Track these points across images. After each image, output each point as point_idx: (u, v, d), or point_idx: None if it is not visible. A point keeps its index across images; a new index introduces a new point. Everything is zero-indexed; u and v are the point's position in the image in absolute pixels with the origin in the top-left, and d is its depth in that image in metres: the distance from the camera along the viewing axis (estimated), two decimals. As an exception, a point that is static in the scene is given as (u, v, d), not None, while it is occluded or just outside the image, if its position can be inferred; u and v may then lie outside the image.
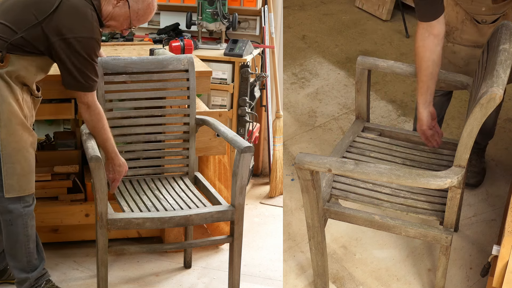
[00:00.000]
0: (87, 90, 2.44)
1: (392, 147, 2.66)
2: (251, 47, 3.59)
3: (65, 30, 2.33)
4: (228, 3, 3.60)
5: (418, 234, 2.31)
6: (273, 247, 3.21)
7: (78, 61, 2.37)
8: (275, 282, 2.93)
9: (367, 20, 4.97)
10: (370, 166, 2.14)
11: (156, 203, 2.63)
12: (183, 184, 2.83)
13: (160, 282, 2.91)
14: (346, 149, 2.62)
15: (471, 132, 2.07)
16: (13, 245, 2.53)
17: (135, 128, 2.80)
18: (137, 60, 2.77)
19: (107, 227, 2.44)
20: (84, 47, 2.36)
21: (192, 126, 2.85)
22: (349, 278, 2.74)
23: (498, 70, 2.06)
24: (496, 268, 2.19)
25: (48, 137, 3.35)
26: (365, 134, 2.74)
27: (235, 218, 2.54)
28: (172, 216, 2.46)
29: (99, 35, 2.41)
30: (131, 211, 2.56)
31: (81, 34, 2.34)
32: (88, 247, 3.09)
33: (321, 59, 4.43)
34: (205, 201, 2.67)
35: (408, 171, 2.11)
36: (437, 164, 2.56)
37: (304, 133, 3.70)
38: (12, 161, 2.41)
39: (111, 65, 2.72)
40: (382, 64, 2.68)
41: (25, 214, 2.49)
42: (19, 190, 2.45)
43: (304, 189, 2.27)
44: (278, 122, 3.79)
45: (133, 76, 2.76)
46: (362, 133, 2.75)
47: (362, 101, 2.75)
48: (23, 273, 2.57)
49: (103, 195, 2.41)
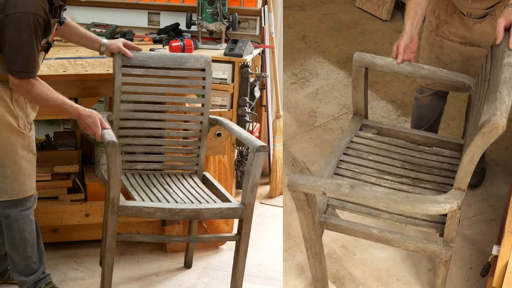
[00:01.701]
0: (25, 76, 2.30)
1: (391, 148, 2.61)
2: (251, 47, 3.59)
3: (8, 5, 2.23)
4: (228, 3, 3.60)
5: (417, 248, 2.26)
6: (273, 247, 3.21)
7: (15, 38, 2.24)
8: (275, 282, 2.93)
9: (367, 20, 4.96)
10: (366, 190, 2.03)
11: (167, 196, 2.64)
12: (192, 181, 2.84)
13: (160, 282, 2.91)
14: (343, 150, 2.56)
15: (472, 159, 1.98)
16: (11, 248, 2.53)
17: (148, 123, 2.81)
18: (155, 56, 2.81)
19: (118, 213, 2.43)
20: (24, 22, 2.23)
21: (205, 125, 2.86)
22: (349, 278, 2.73)
23: (501, 92, 1.95)
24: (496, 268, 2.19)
25: (48, 137, 3.35)
26: (363, 134, 2.68)
27: (244, 216, 2.54)
28: (183, 208, 2.46)
29: (42, 12, 2.27)
30: (142, 200, 2.56)
31: (21, 9, 2.22)
32: (88, 247, 3.10)
33: (321, 59, 4.43)
34: (215, 198, 2.68)
35: (405, 196, 2.01)
36: (437, 167, 2.51)
37: (304, 133, 3.70)
38: (1, 164, 2.40)
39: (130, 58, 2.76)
40: (380, 62, 2.56)
41: (21, 218, 2.48)
42: (12, 193, 2.44)
43: (299, 207, 2.21)
44: (278, 122, 3.79)
45: (150, 70, 2.79)
46: (360, 132, 2.69)
47: (360, 98, 2.69)
48: (22, 276, 2.56)
49: (116, 180, 2.40)
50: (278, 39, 3.91)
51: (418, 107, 3.03)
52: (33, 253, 2.55)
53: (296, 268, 2.80)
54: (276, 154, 3.73)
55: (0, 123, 2.36)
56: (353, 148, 2.59)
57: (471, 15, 2.63)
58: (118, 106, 2.76)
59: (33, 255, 2.55)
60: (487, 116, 1.88)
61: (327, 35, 4.75)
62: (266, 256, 3.14)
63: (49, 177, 2.98)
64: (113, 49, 2.73)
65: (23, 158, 2.44)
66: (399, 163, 2.52)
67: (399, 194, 2.01)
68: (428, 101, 2.96)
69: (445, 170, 2.48)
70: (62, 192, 3.01)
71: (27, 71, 2.29)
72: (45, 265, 2.63)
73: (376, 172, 2.46)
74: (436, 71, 2.54)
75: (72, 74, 2.83)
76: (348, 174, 2.44)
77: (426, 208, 1.98)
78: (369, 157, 2.54)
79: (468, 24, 2.66)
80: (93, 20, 3.72)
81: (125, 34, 3.49)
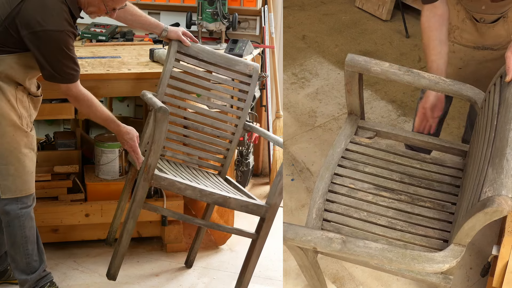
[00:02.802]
0: (65, 81, 2.43)
1: (389, 157, 2.44)
2: (251, 47, 3.59)
3: (33, 23, 2.32)
4: (228, 3, 3.60)
5: (415, 279, 2.19)
6: (273, 247, 3.21)
7: (48, 53, 2.35)
8: (275, 282, 2.93)
9: (367, 20, 4.96)
10: (359, 246, 1.88)
11: (197, 181, 2.67)
12: (217, 179, 2.87)
13: (160, 282, 2.91)
14: (338, 161, 2.39)
15: (472, 227, 1.81)
16: (12, 246, 2.53)
17: (186, 113, 2.87)
18: (209, 50, 2.88)
19: (151, 181, 2.45)
20: (54, 40, 2.34)
21: (239, 129, 2.90)
22: (349, 278, 2.73)
23: (508, 160, 1.77)
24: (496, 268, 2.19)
25: (48, 137, 3.35)
26: (359, 139, 2.51)
27: (267, 216, 2.56)
28: (213, 192, 2.50)
29: (69, 27, 2.38)
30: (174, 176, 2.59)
31: (49, 27, 2.32)
32: (88, 247, 3.10)
33: (321, 59, 4.43)
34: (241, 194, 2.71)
35: (401, 253, 1.86)
36: (438, 181, 2.37)
37: (304, 133, 3.70)
38: (5, 162, 2.42)
39: (185, 47, 2.84)
40: (375, 69, 2.33)
41: (22, 215, 2.49)
42: (15, 191, 2.45)
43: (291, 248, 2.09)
44: (278, 122, 3.79)
45: (201, 63, 2.85)
46: (356, 137, 2.52)
47: (354, 101, 2.52)
48: (23, 275, 2.57)
49: (158, 147, 2.42)
50: (278, 39, 3.91)
51: None
52: (34, 250, 2.56)
53: (296, 268, 2.80)
54: (276, 154, 3.73)
55: (5, 122, 2.39)
56: (349, 158, 2.43)
57: (484, 20, 2.60)
58: (163, 89, 2.80)
59: (33, 253, 2.56)
60: (491, 191, 1.71)
61: (327, 35, 4.75)
62: (266, 256, 3.14)
63: (49, 177, 2.98)
64: (172, 36, 2.83)
65: (26, 157, 2.46)
66: (397, 176, 2.37)
67: (394, 251, 1.87)
68: None
69: (447, 184, 2.36)
70: (62, 192, 3.01)
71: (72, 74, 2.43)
72: (45, 263, 2.63)
73: (373, 187, 2.33)
74: (438, 82, 2.34)
75: None
76: (343, 191, 2.31)
77: (424, 268, 1.85)
78: (366, 169, 2.39)
79: (481, 30, 2.63)
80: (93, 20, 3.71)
81: (125, 34, 3.49)
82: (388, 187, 2.34)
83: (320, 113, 3.87)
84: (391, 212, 2.24)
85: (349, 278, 2.73)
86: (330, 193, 2.30)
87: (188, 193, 2.47)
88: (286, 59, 4.37)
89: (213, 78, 2.90)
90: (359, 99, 2.51)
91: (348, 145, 2.48)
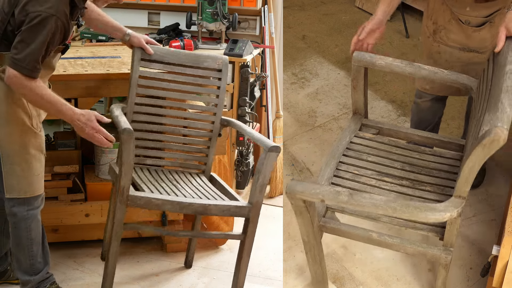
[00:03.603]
0: (28, 73, 2.26)
1: (391, 149, 2.57)
2: (251, 47, 3.59)
3: (29, 6, 2.24)
4: (228, 3, 3.60)
5: (416, 253, 2.25)
6: (273, 247, 3.21)
7: (28, 34, 2.24)
8: (275, 282, 2.93)
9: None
10: (365, 197, 2.02)
11: (176, 191, 2.65)
12: (200, 180, 2.85)
13: (160, 282, 2.91)
14: (343, 151, 2.53)
15: (472, 168, 1.96)
16: (17, 247, 2.52)
17: (161, 118, 2.83)
18: (174, 52, 2.84)
19: (127, 203, 2.43)
20: (42, 23, 2.23)
21: (216, 125, 2.87)
22: (349, 278, 2.73)
23: (503, 102, 1.91)
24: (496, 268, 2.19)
25: (48, 137, 3.35)
26: (363, 134, 2.66)
27: (251, 215, 2.55)
28: (192, 202, 2.48)
29: (63, 16, 2.28)
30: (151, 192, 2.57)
31: (42, 10, 2.23)
32: (88, 247, 3.10)
33: (321, 59, 4.43)
34: (223, 196, 2.69)
35: (405, 204, 1.99)
36: (437, 169, 2.48)
37: (304, 133, 3.70)
38: (11, 162, 2.40)
39: None
40: (380, 62, 2.54)
41: (28, 217, 2.48)
42: (20, 192, 2.43)
43: (298, 213, 2.20)
44: (278, 122, 3.79)
45: (167, 66, 2.80)
46: (360, 132, 2.67)
47: (359, 98, 2.66)
48: (26, 276, 2.56)
49: (128, 168, 2.40)
50: (278, 39, 3.91)
51: (417, 111, 3.01)
52: (38, 252, 2.55)
53: (296, 268, 2.80)
54: (276, 154, 3.73)
55: (13, 122, 2.37)
56: (353, 149, 2.56)
57: (469, 23, 2.60)
58: (133, 99, 2.76)
59: (38, 254, 2.55)
60: (488, 126, 1.86)
61: (327, 35, 4.75)
62: (266, 256, 3.14)
63: (49, 177, 2.98)
64: (134, 42, 2.74)
65: (34, 158, 2.43)
66: (399, 164, 2.50)
67: (398, 201, 2.00)
68: (427, 105, 2.94)
69: (445, 172, 2.47)
70: (62, 192, 3.01)
71: (28, 67, 2.26)
72: (49, 265, 2.62)
73: (376, 174, 2.44)
74: (437, 72, 2.53)
75: (72, 74, 2.83)
76: (347, 176, 2.42)
77: (426, 217, 1.97)
78: (369, 158, 2.52)
79: (467, 32, 2.63)
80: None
81: (125, 34, 3.49)
82: (390, 173, 2.44)
83: (320, 113, 3.87)
84: (393, 195, 2.34)
85: (349, 278, 2.73)
86: (335, 178, 2.41)
87: (167, 207, 2.46)
88: (286, 59, 4.36)
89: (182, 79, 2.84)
90: (363, 96, 2.64)
91: (352, 139, 2.61)
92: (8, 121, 2.36)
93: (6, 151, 2.39)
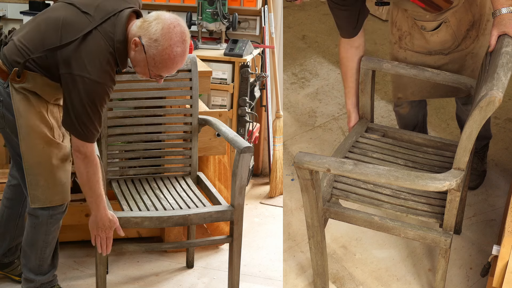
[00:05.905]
0: (82, 138, 2.24)
1: (395, 148, 2.65)
2: (251, 47, 3.59)
3: (74, 64, 2.18)
4: (228, 3, 3.61)
5: (417, 236, 2.31)
6: (273, 247, 3.21)
7: (78, 102, 2.19)
8: (275, 282, 2.93)
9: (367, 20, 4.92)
10: (368, 167, 2.14)
11: (156, 202, 2.63)
12: (184, 184, 2.83)
13: (160, 282, 2.91)
14: (348, 149, 2.61)
15: (470, 135, 2.06)
16: (30, 246, 2.49)
17: (137, 128, 2.80)
18: None
19: None
20: (88, 89, 2.18)
21: (194, 126, 2.85)
22: (349, 278, 2.74)
23: (499, 73, 2.05)
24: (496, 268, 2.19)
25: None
26: (368, 135, 2.73)
27: (234, 218, 2.55)
28: (171, 215, 2.47)
29: (109, 81, 2.23)
30: (130, 210, 2.56)
31: (88, 75, 2.17)
32: (88, 247, 3.09)
33: (321, 59, 4.43)
34: (205, 201, 2.67)
35: (406, 173, 2.10)
36: (439, 166, 2.55)
37: (304, 133, 3.70)
38: (34, 173, 2.35)
39: None
40: (386, 65, 2.68)
41: (50, 223, 2.45)
42: (45, 201, 2.39)
43: (304, 188, 2.27)
44: (278, 122, 3.79)
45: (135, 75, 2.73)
46: (366, 133, 2.75)
47: (367, 102, 2.76)
48: (31, 274, 2.54)
49: None
50: (278, 39, 3.91)
51: (399, 118, 3.05)
52: (50, 255, 2.54)
53: (296, 268, 2.80)
54: (276, 154, 3.73)
55: (35, 134, 2.32)
56: (358, 147, 2.64)
57: (425, 28, 2.63)
58: (105, 114, 2.69)
59: (49, 257, 2.53)
60: (484, 92, 1.99)
61: (327, 35, 4.75)
62: (266, 256, 3.14)
63: (49, 177, 2.97)
64: None
65: (58, 168, 2.38)
66: (402, 161, 2.57)
67: (400, 171, 2.11)
68: (407, 111, 2.98)
69: (447, 169, 2.48)
70: (62, 192, 3.01)
71: (91, 133, 2.24)
72: (56, 269, 2.61)
73: None
74: (439, 73, 2.62)
75: None
76: None
77: (426, 184, 2.07)
78: (373, 155, 2.60)
79: (427, 36, 2.66)
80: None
81: (125, 34, 3.49)
82: None
83: (320, 113, 3.87)
84: (395, 185, 2.40)
85: (349, 278, 2.73)
86: None
87: (146, 224, 2.45)
88: (286, 59, 4.37)
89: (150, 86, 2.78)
90: (370, 99, 2.75)
91: (358, 139, 2.70)
92: (29, 134, 2.31)
93: (29, 163, 2.34)
